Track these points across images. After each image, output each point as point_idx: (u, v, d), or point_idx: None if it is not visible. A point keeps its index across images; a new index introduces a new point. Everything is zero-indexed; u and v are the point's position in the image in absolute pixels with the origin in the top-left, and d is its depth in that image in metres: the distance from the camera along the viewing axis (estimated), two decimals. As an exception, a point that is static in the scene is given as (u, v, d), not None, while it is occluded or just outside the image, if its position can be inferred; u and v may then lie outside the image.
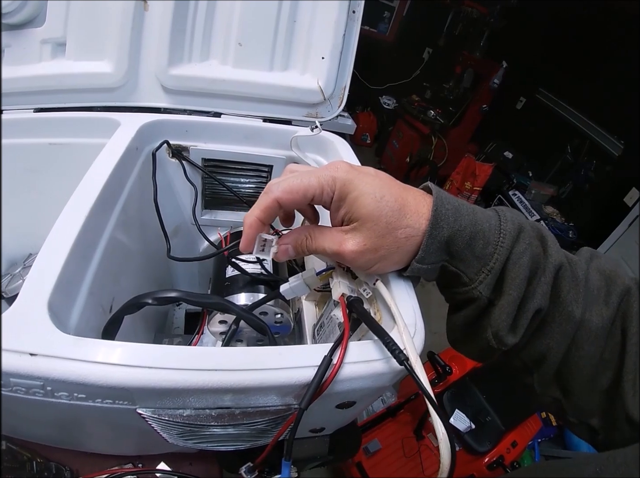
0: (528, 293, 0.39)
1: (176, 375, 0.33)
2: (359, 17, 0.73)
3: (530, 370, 0.43)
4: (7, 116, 0.71)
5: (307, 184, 0.39)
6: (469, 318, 0.42)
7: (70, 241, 0.43)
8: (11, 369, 0.33)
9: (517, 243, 0.39)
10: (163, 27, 0.68)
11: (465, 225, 0.38)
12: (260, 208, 0.40)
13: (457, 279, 0.41)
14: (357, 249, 0.39)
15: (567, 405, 0.42)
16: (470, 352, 0.47)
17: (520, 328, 0.39)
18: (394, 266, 0.42)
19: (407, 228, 0.38)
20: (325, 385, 0.35)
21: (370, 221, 0.38)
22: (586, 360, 0.39)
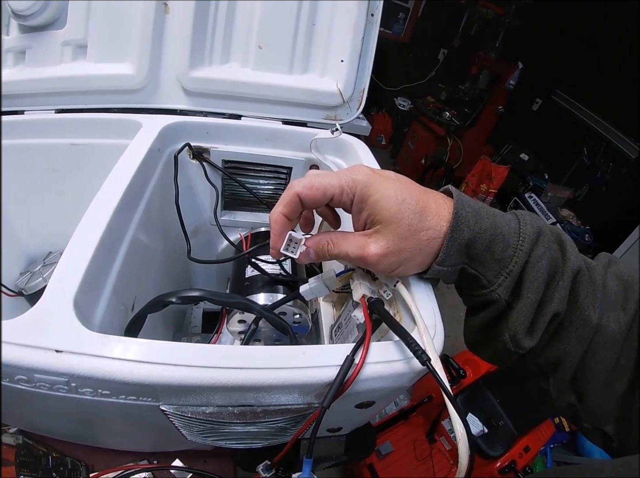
0: (546, 296, 0.39)
1: (202, 372, 0.34)
2: (378, 20, 0.74)
3: (546, 374, 0.43)
4: (28, 116, 0.73)
5: (327, 183, 0.41)
6: (486, 321, 0.42)
7: (95, 240, 0.44)
8: (36, 365, 0.33)
9: (536, 246, 0.39)
10: (184, 30, 0.70)
11: (486, 228, 0.39)
12: (282, 203, 0.42)
13: (476, 281, 0.41)
14: (380, 252, 0.39)
15: (582, 410, 0.42)
16: (486, 355, 0.48)
17: (538, 331, 0.39)
18: (415, 269, 0.42)
19: (429, 230, 0.39)
20: (347, 385, 0.35)
21: (392, 223, 0.38)
22: (602, 366, 0.39)
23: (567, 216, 2.90)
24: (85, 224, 0.46)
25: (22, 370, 0.34)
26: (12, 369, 0.34)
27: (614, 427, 0.41)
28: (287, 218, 0.43)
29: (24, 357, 0.33)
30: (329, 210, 0.47)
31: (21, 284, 0.78)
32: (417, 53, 3.89)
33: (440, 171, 3.48)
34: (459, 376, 1.51)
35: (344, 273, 0.51)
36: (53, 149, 0.72)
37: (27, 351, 0.34)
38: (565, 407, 0.44)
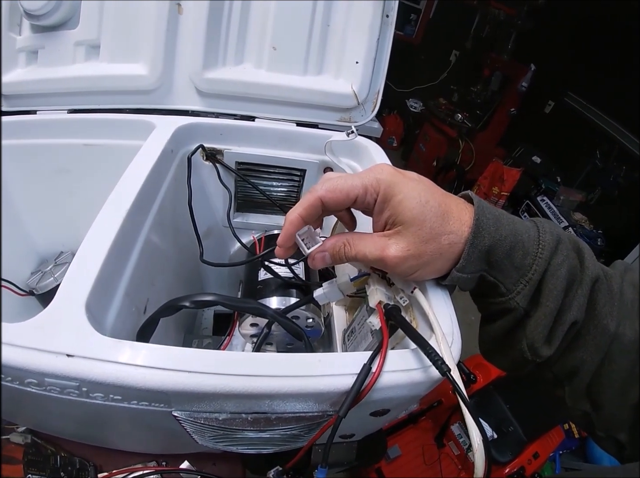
0: (564, 305, 0.38)
1: (216, 379, 0.33)
2: (393, 21, 0.73)
3: (562, 382, 0.43)
4: (41, 116, 0.73)
5: (350, 184, 0.40)
6: (504, 329, 0.42)
7: (108, 242, 0.44)
8: (47, 369, 0.33)
9: (556, 254, 0.39)
10: (198, 30, 0.69)
11: (506, 235, 0.38)
12: (303, 206, 0.41)
13: (494, 289, 0.40)
14: (400, 254, 0.38)
15: (597, 419, 0.42)
16: (502, 363, 0.47)
17: (556, 340, 0.39)
18: (434, 274, 0.41)
19: (451, 234, 0.38)
20: (364, 393, 0.35)
21: (414, 225, 0.38)
22: (618, 374, 0.39)
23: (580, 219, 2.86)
24: (98, 226, 0.46)
25: (33, 374, 0.34)
26: (23, 372, 0.34)
27: (628, 435, 0.40)
28: (304, 221, 0.42)
29: (34, 361, 0.33)
30: (346, 211, 0.47)
31: (32, 284, 0.79)
32: (429, 54, 3.87)
33: (452, 174, 3.46)
34: (469, 381, 1.50)
35: (358, 278, 0.51)
36: (66, 150, 0.73)
37: (38, 355, 0.34)
38: (579, 415, 0.43)
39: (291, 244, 0.43)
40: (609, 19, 2.69)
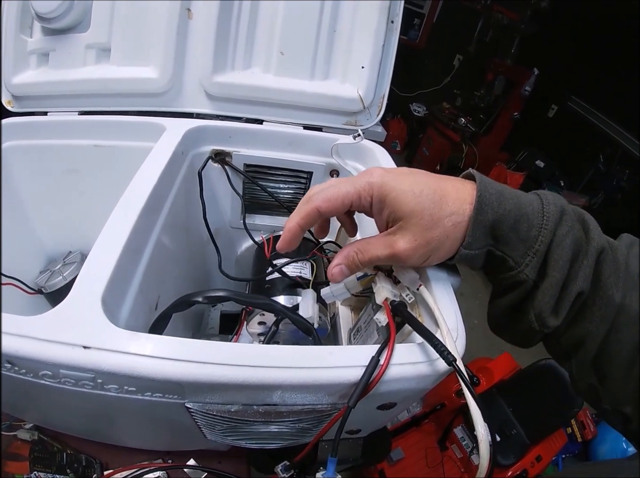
0: (570, 275, 0.39)
1: (230, 370, 0.34)
2: (398, 27, 0.75)
3: (568, 354, 0.43)
4: (51, 117, 0.74)
5: (344, 192, 0.42)
6: (513, 302, 0.42)
7: (122, 239, 0.45)
8: (63, 361, 0.34)
9: (560, 225, 0.39)
10: (207, 35, 0.71)
11: (510, 209, 0.39)
12: (300, 216, 0.43)
13: (503, 264, 0.41)
14: (409, 246, 0.40)
15: (603, 391, 0.42)
16: (511, 337, 0.48)
17: (563, 310, 0.39)
18: (445, 256, 0.43)
19: (452, 215, 0.39)
20: (373, 385, 0.36)
21: (414, 216, 0.39)
22: (624, 346, 0.39)
23: (583, 223, 2.86)
24: (112, 224, 0.47)
25: (48, 366, 0.34)
26: (38, 364, 0.34)
27: (634, 409, 0.40)
28: (301, 229, 0.44)
29: (51, 352, 0.34)
30: (347, 218, 0.49)
31: (41, 283, 0.80)
32: (433, 59, 3.88)
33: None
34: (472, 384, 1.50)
35: (365, 277, 0.52)
36: (76, 150, 0.74)
37: (55, 347, 0.34)
38: (586, 388, 0.43)
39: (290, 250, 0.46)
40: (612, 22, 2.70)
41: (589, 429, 1.77)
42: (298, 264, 0.66)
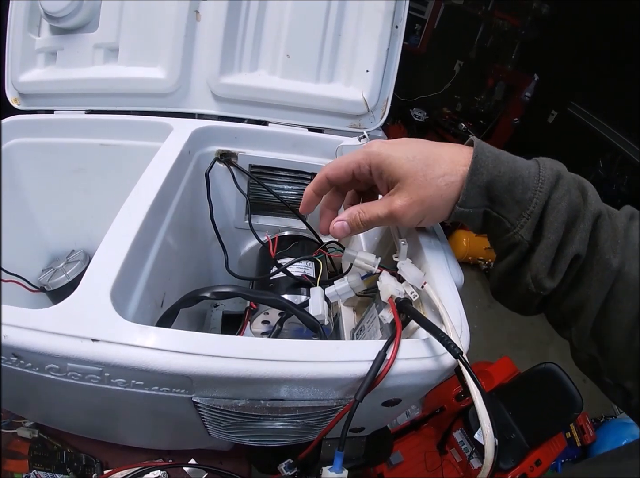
0: (567, 238, 0.40)
1: (239, 363, 0.35)
2: (402, 32, 0.76)
3: (568, 322, 0.44)
4: (58, 116, 0.74)
5: (347, 161, 0.48)
6: (510, 265, 0.44)
7: (131, 236, 0.45)
8: (71, 354, 0.34)
9: (556, 189, 0.41)
10: (215, 37, 0.71)
11: (505, 171, 0.41)
12: (314, 182, 0.52)
13: (499, 225, 0.43)
14: (405, 203, 0.43)
15: (604, 363, 0.42)
16: (510, 301, 0.49)
17: (559, 273, 0.40)
18: (440, 217, 0.45)
19: (445, 176, 0.42)
20: (380, 379, 0.36)
21: (408, 177, 0.43)
22: (624, 316, 0.39)
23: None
24: (120, 221, 0.47)
25: (56, 359, 0.34)
26: (45, 358, 0.34)
27: (634, 383, 0.40)
28: (315, 194, 0.52)
29: (59, 345, 0.34)
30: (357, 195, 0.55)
31: (44, 281, 0.80)
32: (433, 64, 3.89)
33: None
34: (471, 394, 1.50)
35: (369, 276, 0.53)
36: (82, 149, 0.74)
37: (63, 340, 0.34)
38: (586, 360, 0.44)
39: (308, 212, 0.55)
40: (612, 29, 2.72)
41: (588, 434, 1.77)
42: (302, 263, 0.66)
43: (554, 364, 1.37)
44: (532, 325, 2.59)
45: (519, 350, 2.42)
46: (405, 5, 0.74)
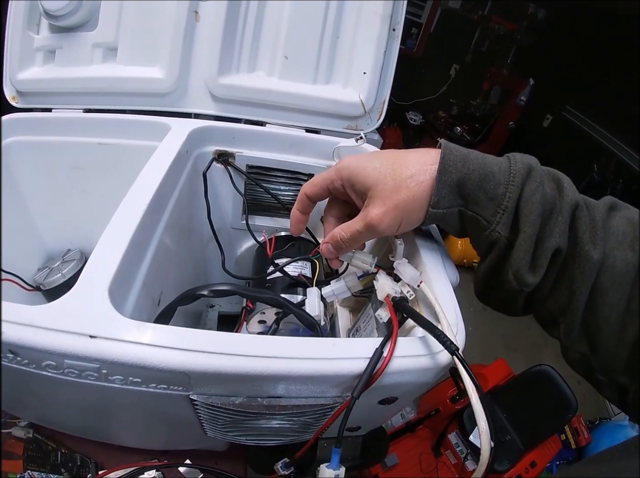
0: (545, 232, 0.40)
1: (237, 360, 0.35)
2: (399, 35, 0.76)
3: (556, 319, 0.43)
4: (56, 114, 0.74)
5: (322, 177, 0.51)
6: (492, 263, 0.44)
7: (129, 234, 0.45)
8: (68, 350, 0.34)
9: (528, 182, 0.41)
10: (213, 38, 0.72)
11: (474, 168, 0.41)
12: (297, 201, 0.55)
13: (476, 224, 0.43)
14: (380, 211, 0.43)
15: (595, 360, 0.42)
16: (495, 302, 0.48)
17: (540, 267, 0.40)
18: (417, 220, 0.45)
19: (414, 176, 0.43)
20: (376, 376, 0.37)
21: (379, 184, 0.44)
22: (612, 308, 0.39)
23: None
24: (118, 219, 0.47)
25: (53, 355, 0.34)
26: (42, 354, 0.34)
27: (628, 378, 0.40)
28: (300, 213, 0.55)
29: (56, 342, 0.34)
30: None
31: (39, 280, 0.80)
32: (429, 68, 3.91)
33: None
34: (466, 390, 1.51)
35: (365, 276, 0.53)
36: (80, 148, 0.74)
37: (60, 336, 0.34)
38: (578, 359, 0.43)
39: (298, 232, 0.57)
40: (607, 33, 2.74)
41: (582, 436, 1.77)
42: (298, 263, 0.67)
43: (549, 366, 1.38)
44: (527, 328, 2.60)
45: (513, 352, 2.43)
46: (403, 9, 0.74)
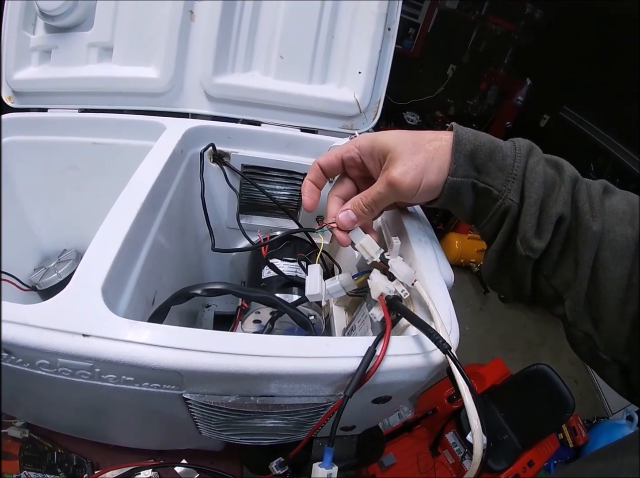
0: (550, 201, 0.42)
1: (230, 359, 0.35)
2: (394, 34, 0.77)
3: (561, 296, 0.45)
4: (52, 114, 0.74)
5: (336, 150, 0.52)
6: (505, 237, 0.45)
7: (123, 233, 0.45)
8: (61, 349, 0.34)
9: (531, 155, 0.45)
10: (209, 37, 0.72)
11: (484, 141, 0.45)
12: (310, 172, 0.54)
13: (489, 196, 0.45)
14: (401, 170, 0.44)
15: (599, 338, 0.43)
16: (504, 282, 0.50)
17: (545, 232, 0.42)
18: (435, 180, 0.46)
19: (433, 141, 0.46)
20: (369, 375, 0.37)
21: (399, 145, 0.45)
22: (614, 283, 0.40)
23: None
24: (112, 218, 0.47)
25: (46, 354, 0.34)
26: (36, 353, 0.34)
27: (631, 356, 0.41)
28: (314, 183, 0.54)
29: (49, 341, 0.34)
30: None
31: (35, 280, 0.80)
32: (427, 68, 3.91)
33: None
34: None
35: (360, 275, 0.53)
36: (75, 147, 0.74)
37: (53, 335, 0.34)
38: (581, 338, 0.44)
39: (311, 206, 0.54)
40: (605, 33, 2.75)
41: (580, 435, 1.78)
42: (294, 264, 0.67)
43: (546, 365, 1.38)
44: (524, 327, 2.61)
45: (510, 352, 2.43)
46: (398, 8, 0.74)
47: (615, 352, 0.42)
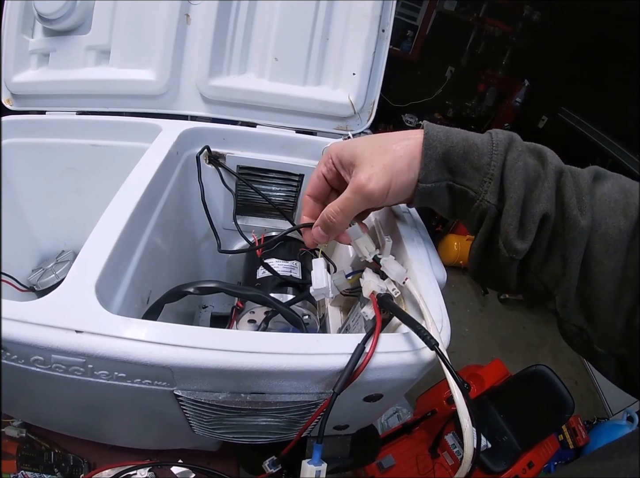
0: (532, 198, 0.40)
1: (220, 355, 0.35)
2: (388, 36, 0.77)
3: (551, 291, 0.43)
4: (50, 116, 0.75)
5: (316, 168, 0.52)
6: (484, 236, 0.44)
7: (117, 232, 0.46)
8: (55, 345, 0.34)
9: (510, 150, 0.42)
10: (204, 40, 0.72)
11: (457, 141, 0.43)
12: (303, 209, 0.54)
13: (465, 197, 0.43)
14: (368, 173, 0.44)
15: (593, 332, 0.41)
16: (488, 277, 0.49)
17: (528, 233, 0.40)
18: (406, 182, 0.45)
19: (402, 141, 0.45)
20: (358, 372, 0.37)
21: (366, 150, 0.45)
22: (607, 277, 0.38)
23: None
24: (107, 218, 0.48)
25: (40, 350, 0.35)
26: (30, 349, 0.35)
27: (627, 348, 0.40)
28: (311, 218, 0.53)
29: (43, 337, 0.34)
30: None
31: (33, 281, 0.80)
32: (425, 70, 3.92)
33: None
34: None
35: (353, 274, 0.53)
36: (73, 149, 0.74)
37: (47, 331, 0.35)
38: (574, 333, 0.43)
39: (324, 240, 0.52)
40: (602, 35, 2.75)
41: (580, 436, 1.77)
42: (288, 264, 0.67)
43: (545, 366, 1.38)
44: (524, 328, 2.61)
45: (510, 353, 2.43)
46: (392, 10, 0.75)
47: (611, 345, 0.41)
